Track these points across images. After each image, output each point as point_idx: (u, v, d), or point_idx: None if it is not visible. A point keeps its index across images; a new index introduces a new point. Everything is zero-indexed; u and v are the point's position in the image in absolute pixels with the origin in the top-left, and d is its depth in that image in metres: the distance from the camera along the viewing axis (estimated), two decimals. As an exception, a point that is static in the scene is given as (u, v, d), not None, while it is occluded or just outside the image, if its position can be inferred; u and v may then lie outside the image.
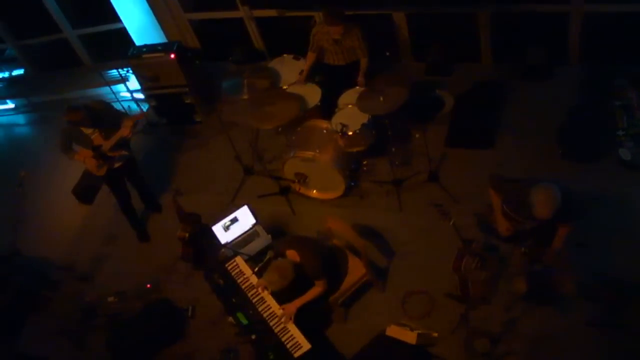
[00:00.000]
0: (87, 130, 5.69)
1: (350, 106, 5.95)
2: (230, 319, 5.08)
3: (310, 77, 6.47)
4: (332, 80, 6.47)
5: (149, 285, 6.01)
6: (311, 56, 6.38)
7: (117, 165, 5.92)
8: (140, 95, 7.93)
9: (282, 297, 4.95)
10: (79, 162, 5.89)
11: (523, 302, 4.87)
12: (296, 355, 4.64)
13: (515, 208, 4.57)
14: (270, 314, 4.92)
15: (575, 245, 4.88)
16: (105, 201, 6.95)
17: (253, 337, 4.84)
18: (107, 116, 5.79)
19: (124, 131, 5.68)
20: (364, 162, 6.30)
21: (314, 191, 6.27)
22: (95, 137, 5.71)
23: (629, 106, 5.76)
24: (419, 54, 7.28)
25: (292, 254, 4.83)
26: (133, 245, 6.54)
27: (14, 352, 6.00)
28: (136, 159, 6.35)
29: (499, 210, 4.76)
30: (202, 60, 8.05)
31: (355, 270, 5.21)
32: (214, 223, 5.66)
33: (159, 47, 7.22)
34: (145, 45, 7.31)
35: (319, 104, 6.28)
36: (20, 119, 9.14)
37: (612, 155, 5.67)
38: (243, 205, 5.80)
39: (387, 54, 6.32)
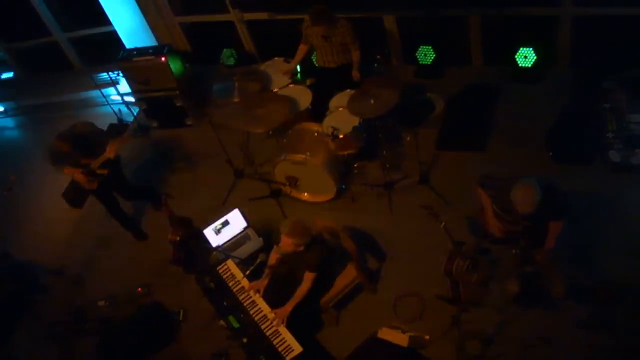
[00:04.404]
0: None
1: (341, 109, 5.95)
2: (222, 322, 5.06)
3: (303, 77, 6.46)
4: (323, 83, 6.47)
5: (139, 289, 5.98)
6: (303, 48, 6.42)
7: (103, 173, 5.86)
8: (131, 99, 7.91)
9: (270, 296, 4.98)
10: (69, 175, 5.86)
11: (515, 304, 4.87)
12: (288, 358, 4.62)
13: (503, 207, 4.58)
14: (261, 317, 4.91)
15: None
16: (95, 205, 6.89)
17: (244, 340, 4.83)
18: (93, 139, 5.78)
19: (109, 153, 5.67)
20: (355, 165, 6.30)
21: (305, 194, 6.26)
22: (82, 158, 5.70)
23: (619, 109, 5.78)
24: (409, 56, 7.30)
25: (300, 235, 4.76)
26: (124, 249, 6.51)
27: (4, 356, 5.95)
28: (124, 174, 6.30)
29: (489, 210, 4.77)
30: (193, 63, 8.04)
31: (347, 273, 5.21)
32: (205, 226, 5.65)
33: (150, 50, 7.22)
34: (136, 48, 7.31)
35: (310, 106, 6.28)
36: (9, 122, 9.10)
37: (601, 158, 5.71)
38: (234, 208, 5.80)
39: (378, 56, 6.33)
